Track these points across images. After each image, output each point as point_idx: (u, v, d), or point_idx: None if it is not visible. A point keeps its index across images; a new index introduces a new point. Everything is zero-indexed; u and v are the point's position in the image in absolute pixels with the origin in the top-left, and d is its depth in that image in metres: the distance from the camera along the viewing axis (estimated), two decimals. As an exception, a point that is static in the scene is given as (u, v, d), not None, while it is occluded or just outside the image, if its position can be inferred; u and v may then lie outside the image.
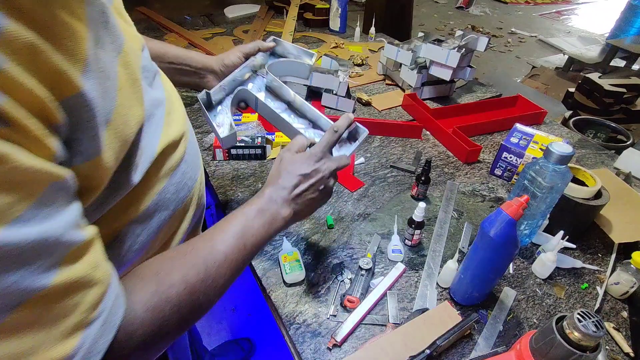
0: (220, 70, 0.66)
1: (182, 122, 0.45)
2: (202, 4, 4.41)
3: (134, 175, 0.35)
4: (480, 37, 1.25)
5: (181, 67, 0.64)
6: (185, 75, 0.65)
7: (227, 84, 0.64)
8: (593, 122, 2.10)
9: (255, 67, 0.69)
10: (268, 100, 0.66)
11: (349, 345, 0.61)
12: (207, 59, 0.66)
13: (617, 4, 3.89)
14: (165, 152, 0.40)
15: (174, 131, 0.42)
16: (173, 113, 0.43)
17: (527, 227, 0.76)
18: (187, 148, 0.46)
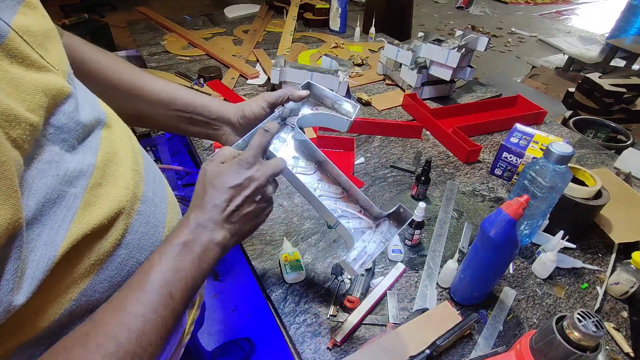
0: (239, 122, 0.54)
1: (125, 192, 0.35)
2: (202, 3, 4.41)
3: (11, 295, 0.25)
4: (480, 37, 1.25)
5: (191, 116, 0.53)
6: (195, 126, 0.54)
7: (248, 139, 0.50)
8: (593, 122, 2.10)
9: (285, 115, 0.56)
10: (295, 160, 0.56)
11: (349, 345, 0.61)
12: (223, 108, 0.54)
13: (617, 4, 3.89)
14: (80, 245, 0.30)
15: (101, 211, 0.32)
16: (108, 183, 0.33)
17: (527, 227, 0.76)
18: (132, 225, 0.36)
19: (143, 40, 1.68)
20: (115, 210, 0.33)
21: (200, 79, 1.33)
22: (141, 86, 0.51)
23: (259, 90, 1.33)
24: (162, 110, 0.52)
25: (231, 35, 1.75)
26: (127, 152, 0.38)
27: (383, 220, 0.53)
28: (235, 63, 1.46)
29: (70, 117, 0.31)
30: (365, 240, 0.51)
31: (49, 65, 0.29)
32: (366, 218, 0.53)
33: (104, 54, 0.49)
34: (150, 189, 0.40)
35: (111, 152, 0.35)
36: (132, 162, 0.38)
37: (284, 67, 1.22)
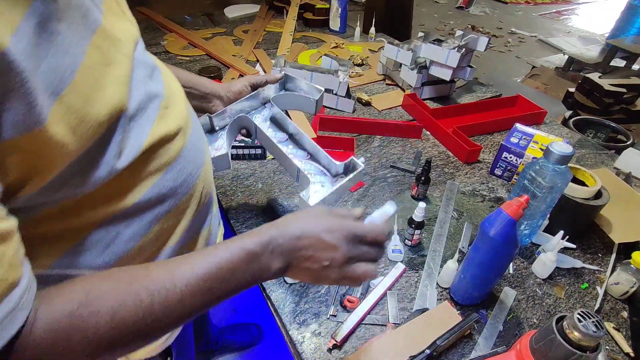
0: (227, 96, 0.69)
1: (181, 117, 0.44)
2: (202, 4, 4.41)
3: (116, 160, 0.33)
4: (480, 37, 1.25)
5: (190, 90, 0.65)
6: (193, 99, 0.66)
7: (234, 112, 0.67)
8: (593, 122, 2.10)
9: (265, 99, 0.73)
10: (270, 130, 0.69)
11: (349, 345, 0.61)
12: (214, 85, 0.68)
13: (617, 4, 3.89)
14: (157, 145, 0.38)
15: (169, 125, 0.40)
16: (172, 107, 0.42)
17: (527, 227, 0.76)
18: (187, 144, 0.44)
19: (143, 40, 1.68)
20: (177, 127, 0.42)
21: (200, 79, 1.34)
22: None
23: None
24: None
25: (231, 35, 1.75)
26: (178, 88, 0.47)
27: (340, 176, 0.65)
28: (235, 63, 1.46)
29: (144, 55, 0.41)
30: (319, 184, 0.63)
31: (128, 17, 0.40)
32: (326, 172, 0.66)
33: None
34: (195, 127, 0.49)
35: (170, 86, 0.44)
36: (181, 96, 0.47)
37: (284, 67, 1.22)
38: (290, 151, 0.67)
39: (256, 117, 0.71)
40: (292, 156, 0.65)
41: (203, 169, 0.49)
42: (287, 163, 0.65)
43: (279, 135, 0.69)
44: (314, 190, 0.60)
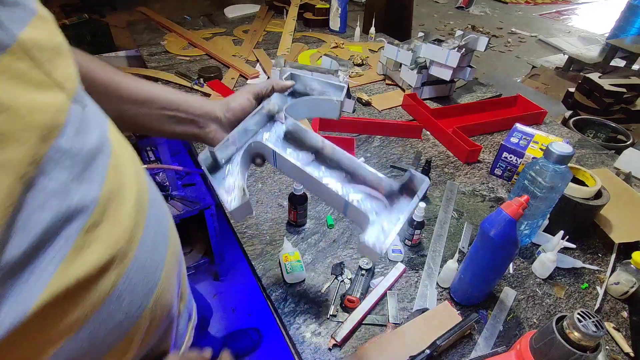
0: (225, 116, 0.51)
1: (120, 235, 0.29)
2: (202, 4, 4.41)
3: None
4: (480, 37, 1.25)
5: (175, 114, 0.49)
6: (180, 124, 0.50)
7: (237, 137, 0.50)
8: (593, 122, 2.10)
9: (272, 112, 0.55)
10: (290, 151, 0.52)
11: (349, 345, 0.61)
12: (208, 104, 0.52)
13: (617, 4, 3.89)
14: (63, 297, 0.24)
15: (92, 257, 0.26)
16: (106, 222, 0.28)
17: (527, 227, 0.76)
18: (126, 274, 0.30)
19: (143, 40, 1.68)
20: (107, 258, 0.28)
21: (200, 79, 1.34)
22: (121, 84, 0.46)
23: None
24: (145, 109, 0.48)
25: (231, 35, 1.75)
26: (133, 184, 0.32)
27: (397, 196, 0.47)
28: (235, 63, 1.46)
29: (75, 139, 0.26)
30: (380, 219, 0.45)
31: (54, 82, 0.26)
32: (378, 194, 0.47)
33: (82, 54, 0.44)
34: (151, 228, 0.34)
35: (117, 184, 0.30)
36: (136, 197, 0.32)
37: (284, 67, 1.22)
38: (324, 175, 0.49)
39: (267, 137, 0.53)
40: (330, 183, 0.48)
41: (156, 292, 0.34)
42: (327, 194, 0.47)
43: (303, 155, 0.51)
44: (378, 229, 0.43)
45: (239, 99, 0.52)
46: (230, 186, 0.47)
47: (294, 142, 0.53)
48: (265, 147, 0.51)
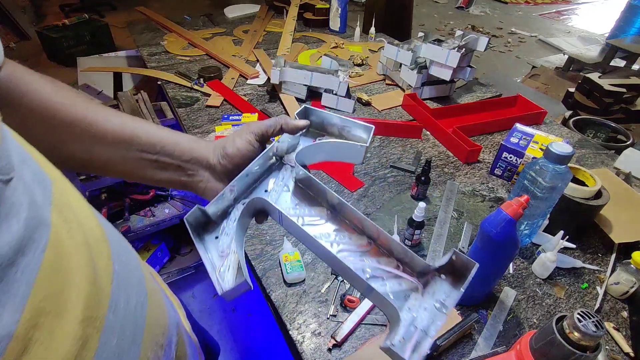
0: (220, 163, 0.41)
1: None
2: (202, 4, 4.41)
3: None
4: (480, 37, 1.25)
5: (157, 158, 0.40)
6: (164, 171, 0.41)
7: (237, 186, 0.40)
8: (593, 122, 2.10)
9: (280, 153, 0.45)
10: (298, 209, 0.41)
11: (349, 345, 0.61)
12: (199, 147, 0.41)
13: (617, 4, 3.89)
14: None
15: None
16: (35, 349, 0.18)
17: (527, 227, 0.76)
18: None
19: (143, 40, 1.68)
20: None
21: (200, 79, 1.34)
22: (93, 121, 0.37)
23: (259, 90, 1.33)
24: (121, 152, 0.38)
25: (231, 35, 1.75)
26: (82, 279, 0.22)
27: (432, 276, 0.37)
28: (235, 63, 1.46)
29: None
30: (413, 309, 0.34)
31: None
32: (407, 275, 0.37)
33: (52, 83, 0.37)
34: (113, 334, 0.24)
35: (52, 292, 0.20)
36: (85, 301, 0.22)
37: (284, 67, 1.22)
38: (339, 243, 0.39)
39: (272, 185, 0.43)
40: (348, 258, 0.37)
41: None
42: (345, 272, 0.35)
43: (314, 213, 0.41)
44: (410, 330, 0.33)
45: (238, 141, 0.41)
46: (224, 250, 0.37)
47: (305, 195, 0.43)
48: (269, 205, 0.39)
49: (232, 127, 1.05)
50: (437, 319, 0.34)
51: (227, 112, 1.19)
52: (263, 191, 0.42)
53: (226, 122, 1.10)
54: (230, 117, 1.12)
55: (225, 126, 1.07)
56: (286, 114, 1.19)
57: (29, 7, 3.78)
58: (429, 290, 0.37)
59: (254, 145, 0.42)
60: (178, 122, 1.23)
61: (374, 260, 0.38)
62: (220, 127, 1.06)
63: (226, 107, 1.22)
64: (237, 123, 1.07)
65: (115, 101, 1.38)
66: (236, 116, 1.12)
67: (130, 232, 1.31)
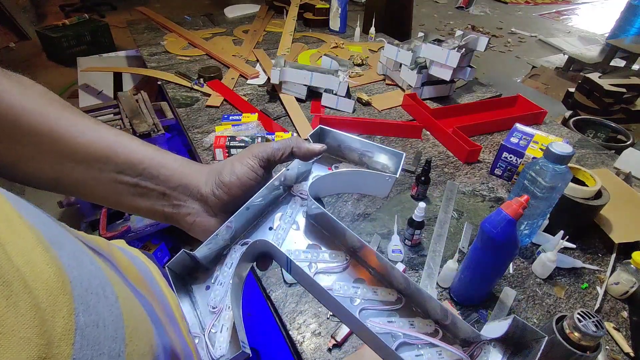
0: (214, 193, 0.33)
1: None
2: (202, 3, 4.41)
3: None
4: (480, 37, 1.25)
5: (138, 182, 0.32)
6: (145, 198, 0.33)
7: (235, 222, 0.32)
8: (593, 122, 2.10)
9: (289, 182, 0.37)
10: (313, 251, 0.34)
11: (349, 345, 0.61)
12: (190, 171, 0.33)
13: (617, 4, 3.89)
14: None
15: None
16: None
17: (527, 227, 0.76)
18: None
19: (143, 40, 1.68)
20: None
21: (200, 79, 1.34)
22: (63, 133, 0.30)
23: (259, 90, 1.33)
24: (93, 172, 0.31)
25: (231, 35, 1.75)
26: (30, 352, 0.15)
27: (480, 345, 0.29)
28: (235, 63, 1.46)
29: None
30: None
31: None
32: (449, 346, 0.29)
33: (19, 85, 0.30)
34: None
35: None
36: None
37: (284, 67, 1.22)
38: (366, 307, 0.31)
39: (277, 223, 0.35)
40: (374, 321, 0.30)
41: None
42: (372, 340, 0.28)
43: (329, 258, 0.34)
44: None
45: (237, 168, 0.33)
46: (217, 305, 0.29)
47: (318, 235, 0.35)
48: (275, 249, 0.31)
49: (232, 127, 1.05)
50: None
51: (227, 112, 1.19)
52: (267, 229, 0.34)
53: (226, 122, 1.10)
54: (230, 117, 1.12)
55: (225, 126, 1.07)
56: (286, 114, 1.19)
57: (29, 7, 3.78)
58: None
59: (257, 173, 0.33)
60: (178, 122, 1.23)
61: (406, 322, 0.30)
62: (220, 127, 1.06)
63: (226, 107, 1.22)
64: (237, 123, 1.07)
65: (115, 101, 1.38)
66: (236, 116, 1.12)
67: (130, 232, 1.31)
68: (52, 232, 0.21)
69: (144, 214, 0.34)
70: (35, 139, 0.30)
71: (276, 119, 1.17)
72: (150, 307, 0.27)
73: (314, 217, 0.35)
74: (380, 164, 0.38)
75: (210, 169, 0.34)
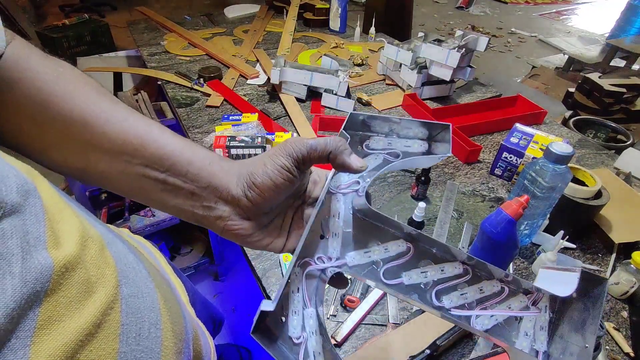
0: (247, 196, 0.30)
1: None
2: (202, 3, 4.41)
3: None
4: (480, 37, 1.25)
5: (166, 178, 0.31)
6: (174, 196, 0.31)
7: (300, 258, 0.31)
8: (593, 122, 2.10)
9: (333, 190, 0.35)
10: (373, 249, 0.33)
11: (349, 345, 0.61)
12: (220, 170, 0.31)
13: (617, 4, 3.89)
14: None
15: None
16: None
17: (527, 227, 0.76)
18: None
19: (143, 40, 1.68)
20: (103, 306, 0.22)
21: (200, 79, 1.34)
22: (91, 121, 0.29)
23: (259, 90, 1.33)
24: (120, 164, 0.30)
25: (231, 35, 1.75)
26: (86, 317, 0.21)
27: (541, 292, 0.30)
28: (235, 63, 1.46)
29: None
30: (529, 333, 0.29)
31: None
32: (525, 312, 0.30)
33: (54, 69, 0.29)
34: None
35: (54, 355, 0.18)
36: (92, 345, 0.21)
37: (284, 67, 1.22)
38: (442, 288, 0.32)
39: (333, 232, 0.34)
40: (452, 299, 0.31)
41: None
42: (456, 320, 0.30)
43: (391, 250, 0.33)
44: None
45: (270, 168, 0.30)
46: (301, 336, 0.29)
47: (367, 231, 0.33)
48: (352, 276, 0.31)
49: (232, 127, 1.05)
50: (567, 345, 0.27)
51: (227, 112, 1.19)
52: (318, 238, 0.33)
53: (226, 122, 1.10)
54: (231, 117, 1.12)
55: (225, 126, 1.07)
56: (286, 114, 1.19)
57: (29, 7, 3.78)
58: (541, 306, 0.30)
59: (292, 173, 0.30)
60: (178, 122, 1.23)
61: (476, 289, 0.32)
62: (220, 127, 1.06)
63: (226, 107, 1.22)
64: (237, 123, 1.07)
65: (115, 101, 1.38)
66: (236, 116, 1.12)
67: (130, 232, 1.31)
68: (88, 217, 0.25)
69: (174, 212, 0.33)
70: (62, 125, 0.29)
71: (276, 119, 1.17)
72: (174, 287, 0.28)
73: (361, 211, 0.33)
74: (412, 132, 0.36)
75: (241, 169, 0.32)
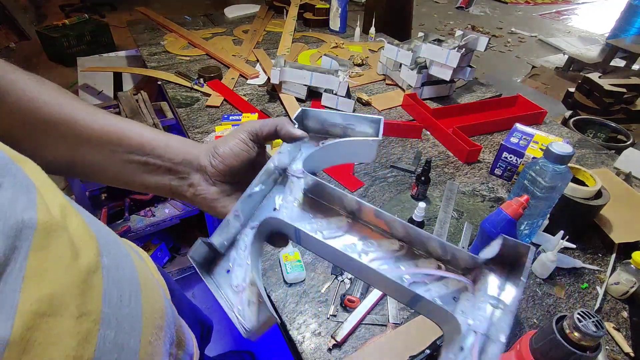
0: (212, 164, 0.37)
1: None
2: (202, 4, 4.41)
3: None
4: (480, 37, 1.25)
5: (147, 160, 0.37)
6: (153, 174, 0.38)
7: (240, 209, 0.35)
8: (593, 122, 2.10)
9: (282, 165, 0.40)
10: (317, 221, 0.37)
11: (349, 345, 0.61)
12: (190, 148, 0.39)
13: (617, 4, 3.89)
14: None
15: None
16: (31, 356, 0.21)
17: (527, 227, 0.76)
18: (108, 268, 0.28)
19: (143, 40, 1.68)
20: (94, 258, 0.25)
21: (200, 79, 1.34)
22: (78, 120, 0.35)
23: (259, 90, 1.33)
24: (107, 154, 0.36)
25: (231, 35, 1.75)
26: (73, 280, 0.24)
27: (480, 271, 0.32)
28: (235, 63, 1.46)
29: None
30: (467, 312, 0.29)
31: None
32: (452, 274, 0.32)
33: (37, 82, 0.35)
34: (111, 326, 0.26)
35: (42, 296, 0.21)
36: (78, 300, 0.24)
37: (284, 67, 1.22)
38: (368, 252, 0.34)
39: (280, 201, 0.38)
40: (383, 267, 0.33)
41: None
42: (381, 282, 0.32)
43: (332, 224, 0.36)
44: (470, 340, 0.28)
45: (230, 141, 0.37)
46: (239, 284, 0.33)
47: (318, 206, 0.38)
48: (283, 223, 0.35)
49: (232, 127, 1.05)
50: (499, 319, 0.29)
51: (227, 112, 1.19)
52: (271, 210, 0.37)
53: (226, 122, 1.10)
54: (230, 117, 1.12)
55: (225, 126, 1.07)
56: (286, 114, 1.19)
57: (29, 7, 3.78)
58: (480, 287, 0.31)
59: (248, 144, 0.38)
60: (178, 122, 1.23)
61: (411, 264, 0.33)
62: (220, 127, 1.06)
63: (226, 107, 1.22)
64: (237, 123, 1.07)
65: (115, 101, 1.38)
66: (236, 116, 1.12)
67: (130, 232, 1.31)
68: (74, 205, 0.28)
69: (152, 190, 0.39)
70: (53, 127, 0.35)
71: (276, 119, 1.17)
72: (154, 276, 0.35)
73: (312, 190, 0.38)
74: (363, 133, 0.41)
75: (207, 145, 0.39)
